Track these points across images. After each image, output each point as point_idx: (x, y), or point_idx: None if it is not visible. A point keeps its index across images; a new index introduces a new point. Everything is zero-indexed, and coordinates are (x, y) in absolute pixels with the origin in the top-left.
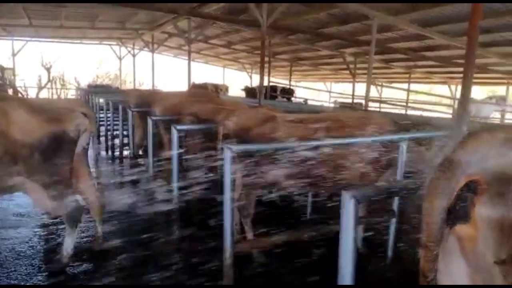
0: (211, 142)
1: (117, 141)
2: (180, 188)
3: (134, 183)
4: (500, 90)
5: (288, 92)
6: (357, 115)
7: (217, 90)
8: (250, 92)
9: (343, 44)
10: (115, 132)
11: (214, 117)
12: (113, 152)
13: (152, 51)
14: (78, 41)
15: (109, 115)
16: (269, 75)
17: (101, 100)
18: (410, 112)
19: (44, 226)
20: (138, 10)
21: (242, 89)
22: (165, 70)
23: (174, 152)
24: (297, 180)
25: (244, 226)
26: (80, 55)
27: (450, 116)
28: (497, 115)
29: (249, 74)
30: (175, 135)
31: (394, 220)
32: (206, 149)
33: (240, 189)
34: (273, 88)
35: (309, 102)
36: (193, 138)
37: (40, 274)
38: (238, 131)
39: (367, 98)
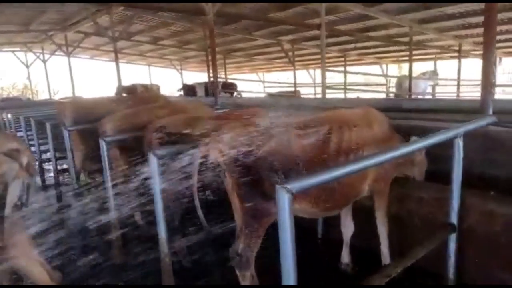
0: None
1: (48, 167)
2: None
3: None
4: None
5: (230, 87)
6: (357, 111)
7: (147, 91)
8: (189, 90)
9: (280, 31)
10: (43, 156)
11: (194, 129)
12: (43, 181)
13: (68, 54)
14: None
15: (29, 133)
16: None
17: (9, 116)
18: (348, 95)
19: None
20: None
21: (179, 90)
22: (82, 75)
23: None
24: None
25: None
26: None
27: (384, 95)
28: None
29: (179, 71)
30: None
31: (454, 237)
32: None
33: None
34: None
35: (244, 95)
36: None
37: None
38: (235, 154)
39: (324, 84)
